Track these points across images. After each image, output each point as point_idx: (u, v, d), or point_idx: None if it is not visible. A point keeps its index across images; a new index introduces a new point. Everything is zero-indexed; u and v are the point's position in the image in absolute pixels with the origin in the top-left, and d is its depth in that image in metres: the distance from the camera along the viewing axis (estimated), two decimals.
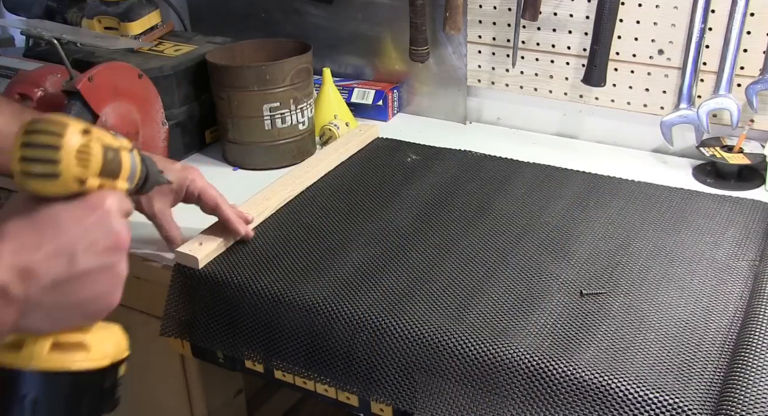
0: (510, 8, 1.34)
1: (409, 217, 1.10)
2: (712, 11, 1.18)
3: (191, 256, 0.98)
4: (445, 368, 0.84)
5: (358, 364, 0.89)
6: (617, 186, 1.16)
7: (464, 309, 0.89)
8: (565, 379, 0.79)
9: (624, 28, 1.26)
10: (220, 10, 1.65)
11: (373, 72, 1.53)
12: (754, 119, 1.21)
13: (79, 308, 0.57)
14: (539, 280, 0.94)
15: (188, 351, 1.04)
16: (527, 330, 0.85)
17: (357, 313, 0.89)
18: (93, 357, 0.58)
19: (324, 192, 1.18)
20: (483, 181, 1.19)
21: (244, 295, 0.95)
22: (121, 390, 0.59)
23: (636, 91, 1.29)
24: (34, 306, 0.54)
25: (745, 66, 1.19)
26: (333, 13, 1.51)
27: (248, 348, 0.96)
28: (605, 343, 0.83)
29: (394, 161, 1.27)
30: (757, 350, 0.78)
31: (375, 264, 0.99)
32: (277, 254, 1.01)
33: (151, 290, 1.05)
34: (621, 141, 1.35)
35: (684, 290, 0.91)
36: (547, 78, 1.36)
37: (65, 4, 1.51)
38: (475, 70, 1.42)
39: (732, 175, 1.19)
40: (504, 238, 1.04)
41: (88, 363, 0.57)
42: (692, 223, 1.05)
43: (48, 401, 0.55)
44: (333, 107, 1.40)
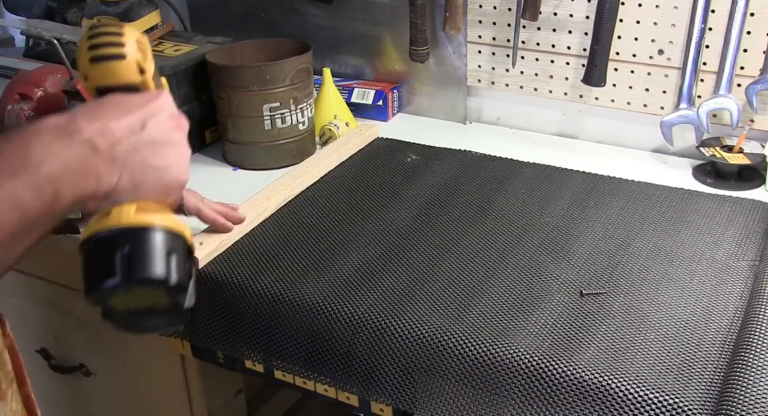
0: (510, 8, 1.33)
1: (409, 217, 1.10)
2: (712, 11, 1.18)
3: None
4: (445, 368, 0.84)
5: (358, 364, 0.89)
6: (617, 186, 1.16)
7: (464, 309, 0.89)
8: (565, 379, 0.79)
9: (624, 28, 1.26)
10: (220, 10, 1.65)
11: (373, 72, 1.53)
12: (754, 119, 1.21)
13: (157, 175, 0.61)
14: (539, 280, 0.94)
15: (188, 351, 1.04)
16: (527, 330, 0.85)
17: (357, 313, 0.89)
18: (174, 223, 0.61)
19: (324, 192, 1.18)
20: (483, 181, 1.19)
21: (244, 295, 0.95)
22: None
23: (636, 91, 1.29)
24: (120, 165, 0.58)
25: (745, 66, 1.19)
26: (333, 13, 1.51)
27: (248, 348, 0.96)
28: (605, 343, 0.83)
29: (394, 161, 1.27)
30: (757, 350, 0.78)
31: (375, 264, 0.99)
32: (277, 254, 1.01)
33: None
34: (621, 141, 1.35)
35: (684, 290, 0.91)
36: (547, 78, 1.36)
37: (65, 4, 1.52)
38: (475, 70, 1.42)
39: (732, 175, 1.19)
40: (504, 238, 1.04)
41: (171, 224, 0.61)
42: (692, 223, 1.05)
43: (140, 254, 0.58)
44: (333, 106, 1.40)
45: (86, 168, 0.56)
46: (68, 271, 1.16)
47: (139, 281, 0.58)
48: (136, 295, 0.60)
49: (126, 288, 0.58)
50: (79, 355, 1.23)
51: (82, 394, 1.27)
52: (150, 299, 0.61)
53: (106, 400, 1.27)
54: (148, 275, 0.58)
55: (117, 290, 0.58)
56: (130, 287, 0.58)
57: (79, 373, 1.24)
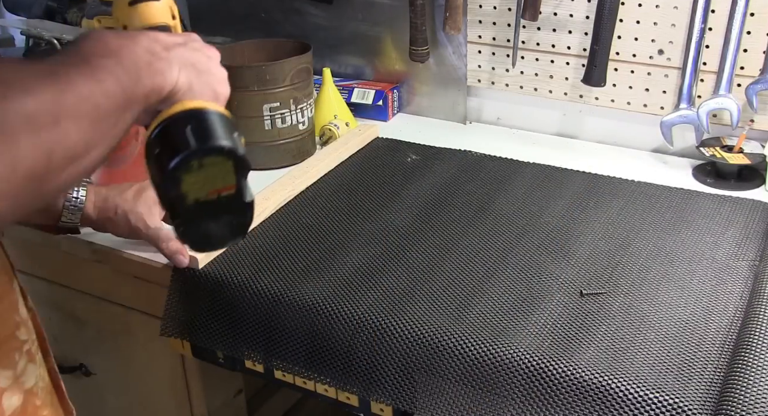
0: (510, 8, 1.33)
1: (409, 217, 1.10)
2: (712, 11, 1.18)
3: (191, 256, 0.98)
4: (445, 368, 0.84)
5: (358, 364, 0.89)
6: (617, 186, 1.16)
7: (464, 309, 0.89)
8: (565, 379, 0.79)
9: (624, 28, 1.26)
10: (220, 10, 1.65)
11: (373, 72, 1.53)
12: (754, 119, 1.21)
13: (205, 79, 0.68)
14: (539, 280, 0.94)
15: (188, 351, 1.04)
16: (527, 330, 0.85)
17: (357, 313, 0.89)
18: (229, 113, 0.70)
19: (324, 192, 1.18)
20: (483, 181, 1.19)
21: (244, 295, 0.95)
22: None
23: (636, 91, 1.29)
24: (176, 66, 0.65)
25: (745, 66, 1.19)
26: (333, 13, 1.51)
27: (248, 348, 0.96)
28: (605, 343, 0.83)
29: (394, 161, 1.27)
30: (757, 350, 0.78)
31: (375, 264, 0.99)
32: (277, 254, 1.01)
33: (151, 290, 1.05)
34: (621, 141, 1.35)
35: (684, 290, 0.91)
36: (547, 78, 1.36)
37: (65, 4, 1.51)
38: (475, 70, 1.42)
39: (732, 175, 1.19)
40: (504, 238, 1.04)
41: (227, 113, 0.69)
42: (692, 223, 1.05)
43: (208, 127, 0.66)
44: (333, 107, 1.40)
45: (152, 63, 0.62)
46: (68, 271, 1.16)
47: (211, 149, 0.65)
48: (207, 173, 0.66)
49: (200, 159, 0.64)
50: (79, 355, 1.23)
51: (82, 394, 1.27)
52: (219, 179, 0.66)
53: (106, 400, 1.27)
54: (218, 143, 0.65)
55: (192, 161, 0.64)
56: (203, 157, 0.64)
57: (79, 373, 1.24)
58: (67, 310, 1.20)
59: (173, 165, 0.64)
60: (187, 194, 0.67)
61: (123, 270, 1.08)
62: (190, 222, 0.69)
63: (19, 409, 0.70)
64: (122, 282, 1.10)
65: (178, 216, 0.68)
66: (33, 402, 0.72)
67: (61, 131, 0.52)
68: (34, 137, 0.50)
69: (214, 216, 0.70)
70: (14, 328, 0.71)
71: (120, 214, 0.98)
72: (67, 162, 0.54)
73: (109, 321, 1.17)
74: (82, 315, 1.20)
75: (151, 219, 0.98)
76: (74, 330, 1.21)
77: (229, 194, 0.68)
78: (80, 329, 1.21)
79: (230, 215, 0.70)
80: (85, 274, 1.15)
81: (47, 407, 0.74)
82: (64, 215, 0.98)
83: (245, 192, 0.70)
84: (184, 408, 1.17)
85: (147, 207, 0.98)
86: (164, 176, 0.65)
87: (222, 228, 0.71)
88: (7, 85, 0.50)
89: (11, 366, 0.70)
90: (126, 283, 1.10)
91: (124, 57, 0.60)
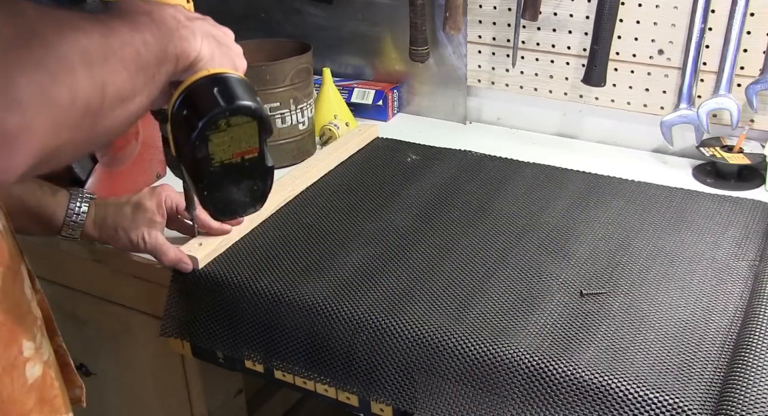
0: (510, 8, 1.33)
1: (409, 217, 1.10)
2: (712, 11, 1.18)
3: (191, 256, 0.98)
4: (445, 368, 0.84)
5: (358, 364, 0.89)
6: (617, 186, 1.16)
7: (464, 309, 0.89)
8: (565, 379, 0.79)
9: (624, 28, 1.26)
10: (220, 10, 1.64)
11: (373, 72, 1.53)
12: (754, 119, 1.21)
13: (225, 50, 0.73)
14: (539, 280, 0.94)
15: (188, 351, 1.04)
16: (527, 330, 0.85)
17: (357, 313, 0.89)
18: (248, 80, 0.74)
19: (324, 192, 1.18)
20: (483, 181, 1.19)
21: (244, 295, 0.95)
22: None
23: (636, 91, 1.29)
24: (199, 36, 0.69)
25: (745, 66, 1.19)
26: (333, 13, 1.51)
27: (248, 348, 0.96)
28: (605, 343, 0.83)
29: (394, 161, 1.27)
30: (757, 350, 0.78)
31: (375, 264, 0.99)
32: (277, 254, 1.01)
33: (151, 290, 1.05)
34: (621, 141, 1.34)
35: (684, 290, 0.91)
36: (547, 78, 1.36)
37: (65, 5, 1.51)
38: (475, 70, 1.42)
39: (732, 175, 1.19)
40: (504, 238, 1.04)
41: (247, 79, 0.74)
42: (692, 223, 1.05)
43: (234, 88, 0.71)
44: (333, 107, 1.40)
45: (178, 29, 0.66)
46: (68, 271, 1.16)
47: (238, 108, 0.70)
48: (233, 134, 0.70)
49: (228, 118, 0.69)
50: (79, 355, 1.23)
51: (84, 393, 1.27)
52: (244, 140, 0.71)
53: (106, 400, 1.27)
54: (245, 103, 0.70)
55: (221, 119, 0.69)
56: (231, 116, 0.69)
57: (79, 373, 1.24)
58: (67, 310, 1.20)
59: (203, 123, 0.68)
60: (214, 155, 0.70)
61: (123, 270, 1.08)
62: (214, 186, 0.73)
63: (39, 379, 0.74)
64: (122, 282, 1.10)
65: (203, 180, 0.72)
66: (49, 374, 0.77)
67: (111, 69, 0.55)
68: (88, 71, 0.53)
69: (236, 181, 0.74)
70: (29, 303, 0.75)
71: (121, 232, 0.99)
72: (117, 102, 0.57)
73: (109, 321, 1.17)
74: (82, 315, 1.20)
75: (152, 232, 0.98)
76: (74, 330, 1.21)
77: (252, 157, 0.73)
78: (80, 329, 1.21)
79: (252, 180, 0.75)
80: (85, 274, 1.15)
81: (58, 380, 0.79)
82: (64, 230, 0.99)
83: (267, 157, 0.75)
84: (184, 408, 1.17)
85: (146, 220, 0.98)
86: (193, 136, 0.68)
87: (244, 194, 0.76)
88: (61, 23, 0.53)
89: (32, 339, 0.74)
90: (126, 283, 1.10)
91: (156, 19, 0.64)
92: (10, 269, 0.72)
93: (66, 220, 0.98)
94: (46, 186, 0.99)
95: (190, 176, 0.73)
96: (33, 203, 0.97)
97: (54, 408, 0.77)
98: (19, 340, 0.72)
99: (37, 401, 0.74)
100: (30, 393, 0.73)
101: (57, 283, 1.18)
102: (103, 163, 1.12)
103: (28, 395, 0.72)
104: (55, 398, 0.77)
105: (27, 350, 0.73)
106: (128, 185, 1.16)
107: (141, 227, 0.98)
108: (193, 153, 0.70)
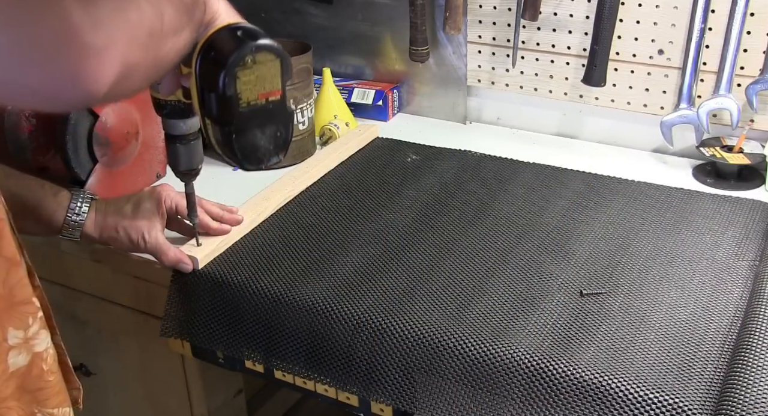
0: (510, 8, 1.33)
1: (409, 217, 1.10)
2: (712, 11, 1.18)
3: (191, 256, 0.98)
4: (445, 368, 0.84)
5: (358, 364, 0.89)
6: (617, 186, 1.16)
7: (464, 309, 0.89)
8: (565, 379, 0.79)
9: (624, 28, 1.26)
10: None
11: (373, 72, 1.53)
12: (754, 119, 1.21)
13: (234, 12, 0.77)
14: (539, 280, 0.94)
15: (188, 351, 1.04)
16: (527, 330, 0.85)
17: (357, 313, 0.89)
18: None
19: (324, 192, 1.18)
20: (483, 181, 1.19)
21: (244, 295, 0.95)
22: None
23: (636, 91, 1.29)
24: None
25: (745, 66, 1.19)
26: (333, 13, 1.51)
27: (248, 348, 0.96)
28: (605, 343, 0.83)
29: (394, 161, 1.27)
30: (757, 350, 0.78)
31: (375, 264, 0.99)
32: (277, 254, 1.01)
33: (151, 290, 1.05)
34: (621, 141, 1.35)
35: (684, 290, 0.91)
36: (547, 78, 1.36)
37: None
38: (475, 70, 1.42)
39: (732, 175, 1.19)
40: (504, 238, 1.04)
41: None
42: (692, 223, 1.05)
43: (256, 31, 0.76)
44: (333, 106, 1.40)
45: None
46: (68, 271, 1.16)
47: (263, 45, 0.75)
48: (258, 73, 0.75)
49: (254, 54, 0.74)
50: (79, 355, 1.23)
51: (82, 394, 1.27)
52: (267, 81, 0.76)
53: (107, 400, 1.27)
54: (268, 41, 0.75)
55: (248, 55, 0.73)
56: (257, 52, 0.74)
57: (79, 373, 1.24)
58: (67, 310, 1.20)
59: (233, 58, 0.73)
60: (241, 94, 0.75)
61: (123, 270, 1.08)
62: (241, 130, 0.77)
63: (23, 368, 0.75)
64: (122, 282, 1.10)
65: (232, 121, 0.76)
66: (40, 366, 0.77)
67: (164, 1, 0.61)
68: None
69: (262, 125, 0.78)
70: (31, 295, 0.76)
71: (121, 231, 0.99)
72: (171, 31, 0.62)
73: (109, 321, 1.17)
74: (82, 315, 1.20)
75: (152, 232, 0.98)
76: (74, 330, 1.21)
77: (275, 99, 0.78)
78: (80, 329, 1.21)
79: (275, 126, 0.80)
80: (85, 274, 1.15)
81: (54, 373, 0.79)
82: (64, 230, 0.99)
83: (288, 100, 0.80)
84: (184, 408, 1.17)
85: (146, 220, 0.98)
86: (222, 73, 0.73)
87: (268, 141, 0.80)
88: None
89: (23, 327, 0.75)
90: (126, 283, 1.10)
91: None
92: (9, 259, 0.73)
93: (66, 220, 0.98)
94: (47, 186, 0.99)
95: (218, 121, 0.77)
96: (34, 203, 0.97)
97: (37, 400, 0.77)
98: (5, 326, 0.73)
99: (16, 389, 0.75)
100: (9, 380, 0.74)
101: (57, 283, 1.18)
102: (103, 163, 1.12)
103: (7, 382, 0.74)
104: (42, 390, 0.78)
105: (13, 338, 0.74)
106: (128, 185, 1.16)
107: (141, 226, 0.98)
108: (223, 92, 0.74)
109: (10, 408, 0.74)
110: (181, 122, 0.90)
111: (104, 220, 0.99)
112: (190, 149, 0.92)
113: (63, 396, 0.81)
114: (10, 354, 0.74)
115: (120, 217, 0.99)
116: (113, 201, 1.01)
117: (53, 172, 1.08)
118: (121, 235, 0.99)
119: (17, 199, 0.92)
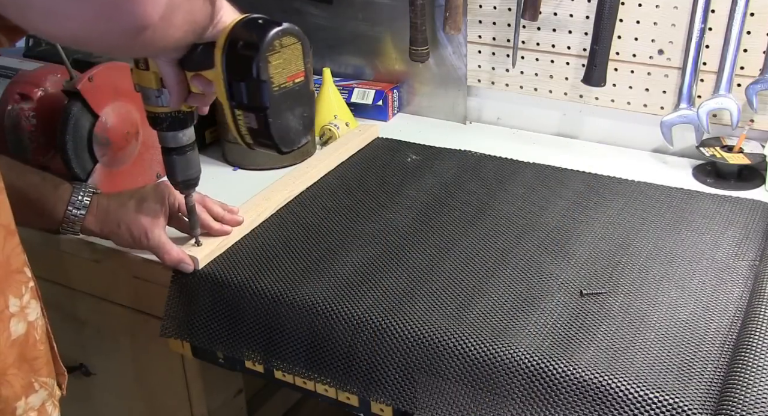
0: (510, 8, 1.33)
1: (409, 217, 1.10)
2: (712, 11, 1.18)
3: (191, 256, 0.98)
4: (445, 368, 0.84)
5: (358, 364, 0.89)
6: (617, 186, 1.16)
7: (464, 309, 0.89)
8: (565, 379, 0.79)
9: (624, 28, 1.26)
10: None
11: (373, 72, 1.53)
12: (754, 119, 1.21)
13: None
14: (539, 280, 0.94)
15: (188, 351, 1.04)
16: (527, 330, 0.85)
17: (357, 313, 0.89)
18: None
19: (324, 192, 1.18)
20: (483, 181, 1.19)
21: (244, 295, 0.95)
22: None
23: (636, 91, 1.29)
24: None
25: (745, 66, 1.19)
26: (333, 13, 1.51)
27: (248, 349, 0.96)
28: (605, 343, 0.83)
29: (394, 161, 1.27)
30: (757, 350, 0.78)
31: (375, 264, 0.99)
32: (277, 254, 1.01)
33: (151, 290, 1.05)
34: (621, 141, 1.35)
35: (684, 290, 0.91)
36: (547, 78, 1.36)
37: None
38: (475, 70, 1.42)
39: (732, 175, 1.19)
40: (504, 238, 1.04)
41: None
42: (692, 223, 1.05)
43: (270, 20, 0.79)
44: (333, 106, 1.40)
45: None
46: (68, 271, 1.16)
47: (286, 29, 0.79)
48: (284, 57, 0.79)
49: (281, 38, 0.78)
50: (79, 355, 1.23)
51: (82, 394, 1.27)
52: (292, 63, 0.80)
53: (106, 400, 1.27)
54: (288, 25, 0.79)
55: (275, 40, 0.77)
56: (283, 36, 0.78)
57: (79, 373, 1.24)
58: (67, 310, 1.20)
59: (265, 43, 0.76)
60: (273, 78, 0.78)
61: (123, 270, 1.08)
62: (276, 113, 0.80)
63: (22, 337, 0.77)
64: (122, 282, 1.10)
65: (266, 107, 0.79)
66: (33, 335, 0.79)
67: None
68: None
69: (291, 107, 0.82)
70: (23, 265, 0.77)
71: (123, 227, 0.98)
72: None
73: (109, 321, 1.17)
74: (82, 315, 1.20)
75: (154, 229, 0.98)
76: (74, 330, 1.21)
77: (300, 81, 0.82)
78: (80, 329, 1.21)
79: (302, 107, 0.83)
80: (85, 274, 1.15)
81: (43, 343, 0.81)
82: (64, 222, 0.98)
83: (310, 80, 0.84)
84: (184, 408, 1.17)
85: (149, 218, 0.98)
86: (255, 61, 0.76)
87: (297, 122, 0.83)
88: None
89: (18, 296, 0.77)
90: (126, 283, 1.10)
91: None
92: (5, 227, 0.74)
93: (66, 213, 0.98)
94: (48, 178, 0.99)
95: (253, 109, 0.79)
96: (35, 196, 0.97)
97: (33, 369, 0.79)
98: (6, 294, 0.74)
99: (17, 357, 0.76)
100: (12, 348, 0.75)
101: (57, 283, 1.18)
102: (103, 163, 1.12)
103: (10, 349, 0.75)
104: (36, 359, 0.79)
105: (12, 306, 0.75)
106: (128, 185, 1.16)
107: (144, 223, 0.98)
108: (258, 77, 0.77)
109: (15, 375, 0.76)
110: (180, 133, 0.91)
111: (106, 215, 0.99)
112: (187, 159, 0.93)
113: (51, 367, 0.83)
114: (11, 321, 0.75)
115: (122, 212, 0.98)
116: (116, 196, 1.01)
117: (53, 172, 1.08)
118: (123, 231, 0.98)
119: (18, 191, 0.91)
